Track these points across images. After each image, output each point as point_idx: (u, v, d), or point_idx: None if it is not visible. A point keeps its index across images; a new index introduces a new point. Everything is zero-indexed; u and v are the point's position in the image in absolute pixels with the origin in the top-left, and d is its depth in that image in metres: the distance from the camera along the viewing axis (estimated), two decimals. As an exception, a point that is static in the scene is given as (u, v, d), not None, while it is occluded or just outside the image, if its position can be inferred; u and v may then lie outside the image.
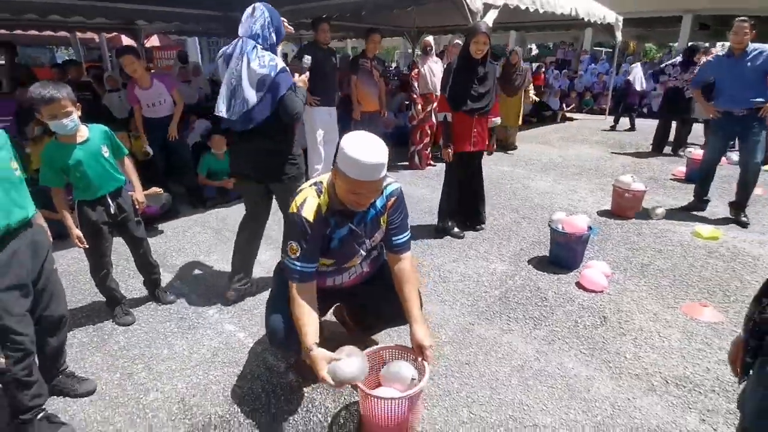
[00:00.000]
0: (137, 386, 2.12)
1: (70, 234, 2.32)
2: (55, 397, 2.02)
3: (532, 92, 7.67)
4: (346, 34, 12.66)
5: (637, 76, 8.95)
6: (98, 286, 2.59)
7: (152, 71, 5.83)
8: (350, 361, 1.62)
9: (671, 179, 5.55)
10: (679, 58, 6.72)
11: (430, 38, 5.84)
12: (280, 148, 2.56)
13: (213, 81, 7.37)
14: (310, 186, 1.79)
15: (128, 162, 2.61)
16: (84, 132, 2.32)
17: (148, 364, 2.26)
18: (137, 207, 2.62)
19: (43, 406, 1.80)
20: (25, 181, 1.76)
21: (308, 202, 1.73)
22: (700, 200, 4.35)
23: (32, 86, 2.12)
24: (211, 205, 4.65)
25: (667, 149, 6.95)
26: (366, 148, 1.58)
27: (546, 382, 2.12)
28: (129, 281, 3.02)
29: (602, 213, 4.35)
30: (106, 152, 2.39)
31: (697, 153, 5.24)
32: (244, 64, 2.37)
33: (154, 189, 3.70)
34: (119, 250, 2.78)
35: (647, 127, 8.78)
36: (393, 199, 1.87)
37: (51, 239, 1.92)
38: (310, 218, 1.70)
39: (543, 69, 12.85)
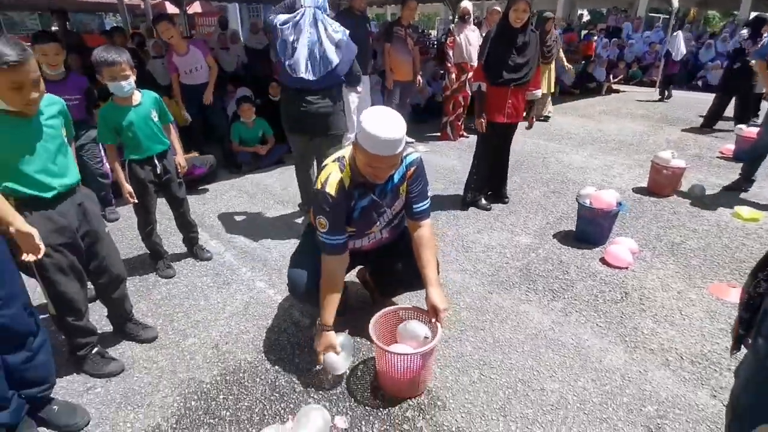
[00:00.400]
0: (177, 332, 2.33)
1: (122, 188, 2.52)
2: (110, 335, 2.25)
3: (564, 60, 7.30)
4: (386, 0, 12.41)
5: (675, 45, 8.54)
6: (144, 241, 2.82)
7: (194, 37, 5.99)
8: (341, 359, 1.94)
9: (718, 157, 5.28)
10: (745, 32, 6.19)
11: (468, 4, 5.63)
12: (337, 105, 3.00)
13: (247, 48, 7.42)
14: (333, 161, 1.87)
15: (172, 128, 2.79)
16: (137, 96, 2.51)
17: (187, 313, 2.48)
18: (179, 170, 2.80)
19: (95, 344, 2.03)
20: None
21: (331, 177, 1.82)
22: (746, 179, 4.15)
23: (96, 50, 2.34)
24: (247, 170, 4.84)
25: (723, 125, 6.55)
26: (383, 123, 1.63)
27: (559, 351, 2.18)
28: (170, 238, 3.25)
29: (638, 190, 4.23)
30: (155, 116, 2.58)
31: (749, 131, 4.94)
32: (321, 30, 2.75)
33: (193, 153, 3.90)
34: (162, 209, 2.98)
35: (699, 101, 8.29)
36: (413, 169, 1.94)
37: (98, 204, 2.08)
38: (333, 193, 1.80)
39: (595, 37, 12.15)
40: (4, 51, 1.44)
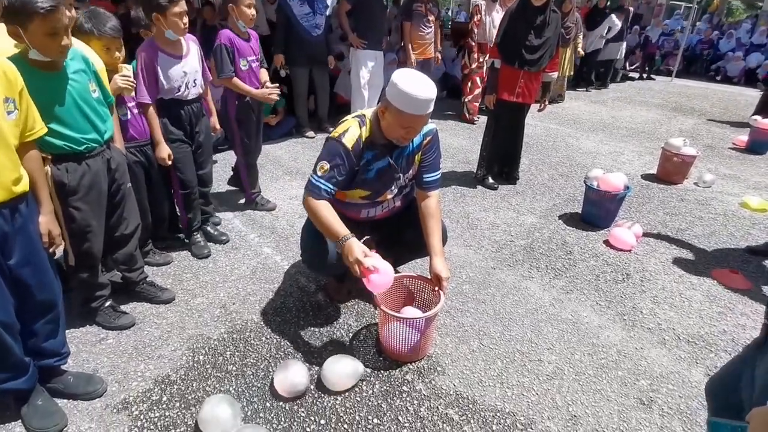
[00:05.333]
0: (186, 291, 2.39)
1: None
2: (122, 292, 2.31)
3: (580, 45, 7.15)
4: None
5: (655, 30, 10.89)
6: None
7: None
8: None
9: (730, 148, 5.22)
10: None
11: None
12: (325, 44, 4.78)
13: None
14: (354, 117, 1.90)
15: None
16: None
17: (196, 274, 2.54)
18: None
19: (107, 297, 2.10)
20: (105, 104, 1.91)
21: (350, 131, 1.83)
22: None
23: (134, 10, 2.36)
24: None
25: (737, 116, 6.46)
26: (419, 83, 1.69)
27: (557, 326, 2.22)
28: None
29: (647, 176, 4.22)
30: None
31: (764, 122, 4.88)
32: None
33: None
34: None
35: (716, 92, 8.17)
36: (428, 138, 1.98)
37: (126, 160, 2.11)
38: (349, 146, 1.82)
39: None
40: None
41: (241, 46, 2.83)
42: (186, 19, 2.28)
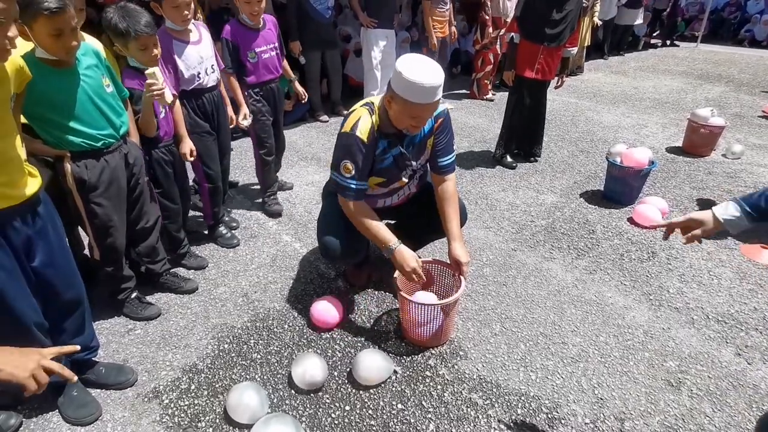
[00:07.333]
0: (208, 281, 2.43)
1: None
2: (147, 284, 2.36)
3: (597, 14, 6.81)
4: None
5: None
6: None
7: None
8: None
9: (760, 116, 5.00)
10: None
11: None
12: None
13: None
14: (362, 106, 1.84)
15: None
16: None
17: (217, 264, 2.56)
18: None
19: (132, 288, 2.14)
20: (120, 98, 1.89)
21: (362, 122, 1.78)
22: None
23: None
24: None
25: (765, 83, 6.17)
26: (424, 70, 1.60)
27: (581, 307, 2.19)
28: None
29: (672, 150, 4.07)
30: None
31: (798, 86, 4.64)
32: None
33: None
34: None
35: (743, 57, 7.80)
36: (440, 120, 1.91)
37: (142, 154, 2.10)
38: (365, 138, 1.77)
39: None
40: None
41: (247, 38, 2.67)
42: (186, 11, 2.23)
